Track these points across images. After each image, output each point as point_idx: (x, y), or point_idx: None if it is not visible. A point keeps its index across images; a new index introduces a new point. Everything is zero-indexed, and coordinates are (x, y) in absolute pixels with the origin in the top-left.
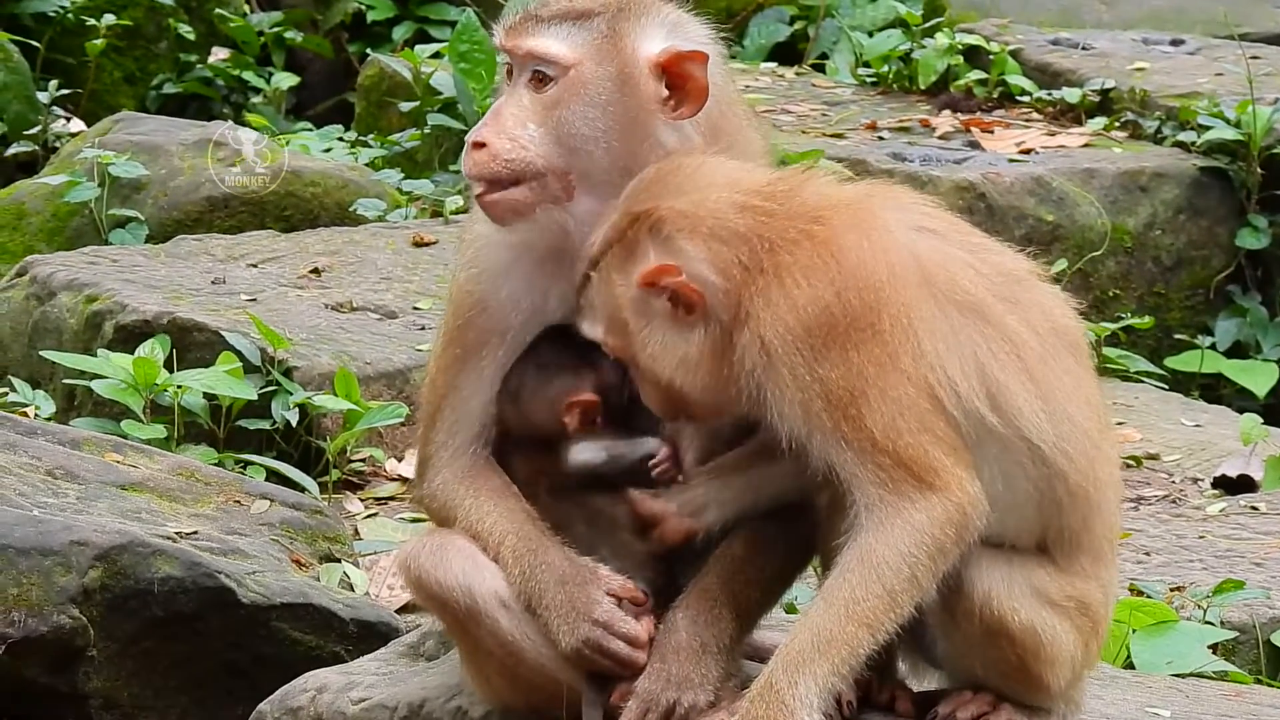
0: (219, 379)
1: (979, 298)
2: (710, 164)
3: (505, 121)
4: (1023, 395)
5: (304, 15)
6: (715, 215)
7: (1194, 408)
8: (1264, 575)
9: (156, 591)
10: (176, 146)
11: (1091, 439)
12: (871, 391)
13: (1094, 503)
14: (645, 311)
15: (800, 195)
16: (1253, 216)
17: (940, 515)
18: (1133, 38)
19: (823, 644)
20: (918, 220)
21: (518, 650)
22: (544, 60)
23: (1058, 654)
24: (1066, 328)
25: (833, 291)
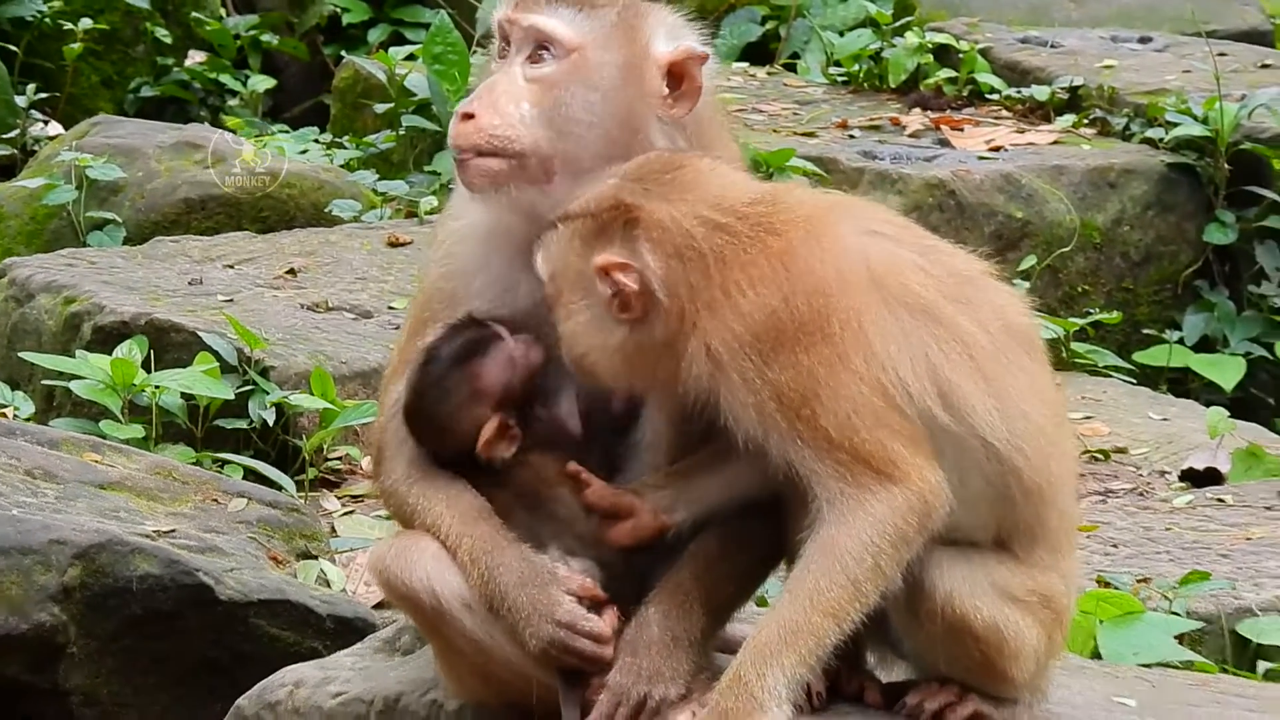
0: (196, 379)
1: (930, 299)
2: (708, 172)
3: (498, 96)
4: (975, 394)
5: (280, 18)
6: (687, 233)
7: (1161, 401)
8: (1230, 566)
9: (135, 589)
10: (153, 149)
11: (1046, 435)
12: (824, 392)
13: (1048, 497)
14: (589, 289)
15: (770, 212)
16: (1220, 212)
17: (901, 504)
18: (1101, 35)
19: (789, 635)
20: (869, 225)
21: (486, 649)
22: (548, 38)
23: (1021, 648)
24: (1020, 325)
25: (780, 298)
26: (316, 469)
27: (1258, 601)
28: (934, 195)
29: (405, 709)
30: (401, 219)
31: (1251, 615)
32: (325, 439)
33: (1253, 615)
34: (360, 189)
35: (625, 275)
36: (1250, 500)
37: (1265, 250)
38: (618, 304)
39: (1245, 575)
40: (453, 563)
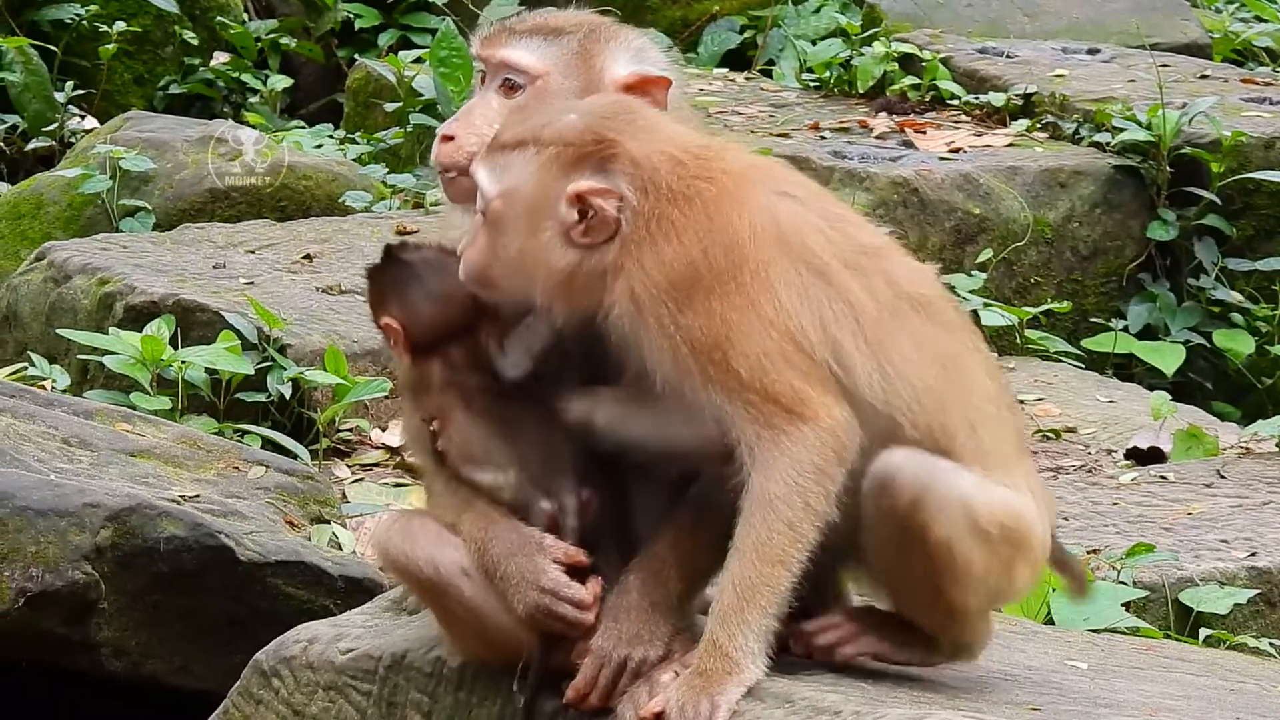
0: (219, 355)
1: (825, 261)
2: (663, 120)
3: (474, 120)
4: (855, 355)
5: (297, 23)
6: (655, 169)
7: (1108, 385)
8: (1172, 539)
9: (162, 550)
10: (181, 143)
11: (935, 394)
12: (735, 335)
13: (943, 445)
14: (549, 211)
15: (709, 161)
16: (1162, 211)
17: (815, 442)
18: (1053, 47)
19: (746, 593)
20: (784, 188)
21: (481, 615)
22: (514, 69)
23: (969, 579)
24: (917, 293)
25: (700, 249)
26: (329, 439)
27: (1198, 572)
28: (899, 192)
29: (411, 665)
30: (409, 209)
31: (1192, 585)
32: (338, 412)
33: (1193, 585)
34: (371, 181)
35: (605, 201)
36: (1190, 478)
37: (1203, 246)
38: (582, 229)
39: (1186, 548)
40: (450, 534)
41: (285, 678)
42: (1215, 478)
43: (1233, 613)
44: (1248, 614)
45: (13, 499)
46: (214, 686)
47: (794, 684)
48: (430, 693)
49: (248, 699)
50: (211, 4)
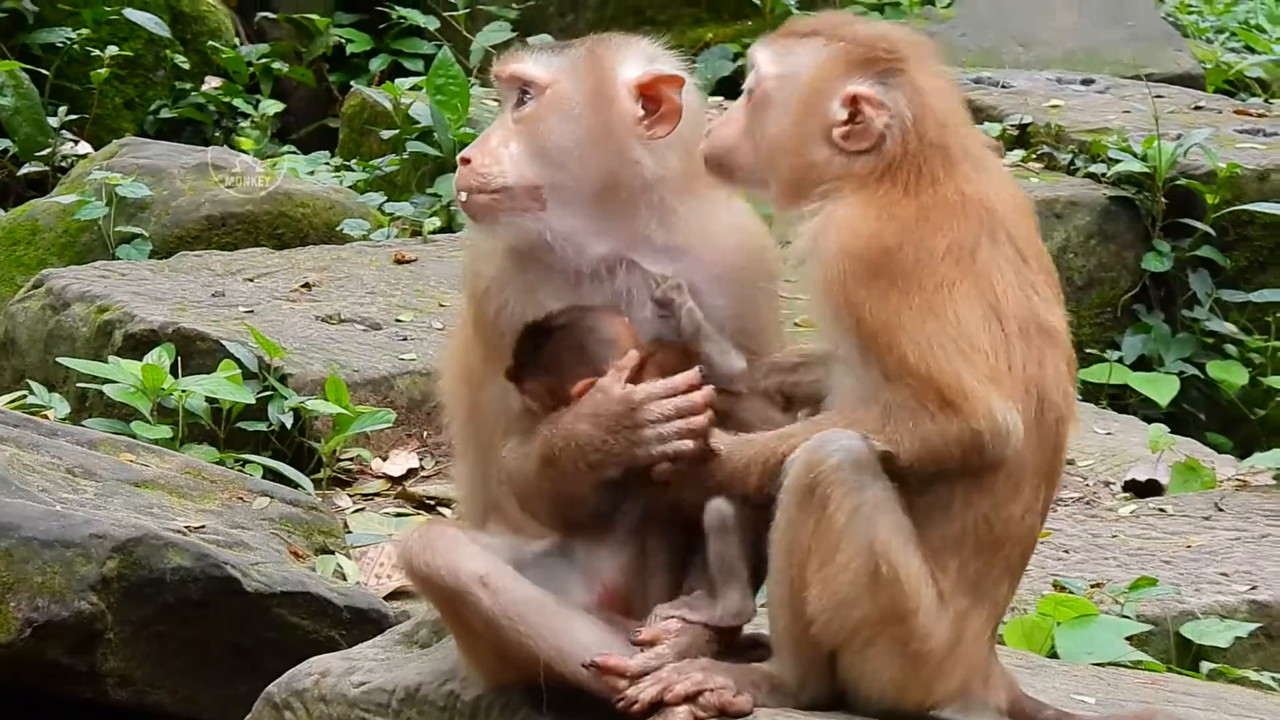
0: (220, 384)
1: (1004, 311)
2: (947, 72)
3: (490, 141)
4: None
5: (289, 47)
6: (928, 108)
7: (1105, 416)
8: (1173, 572)
9: (168, 580)
10: (178, 169)
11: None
12: (907, 324)
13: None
14: (823, 105)
15: (966, 160)
16: (1157, 242)
17: (955, 433)
18: (1048, 77)
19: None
20: (1001, 232)
21: (498, 628)
22: (524, 81)
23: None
24: (1051, 397)
25: (897, 241)
26: (330, 469)
27: (1199, 606)
28: None
29: (424, 698)
30: (407, 238)
31: (1194, 618)
32: (341, 442)
33: (1195, 618)
34: (368, 209)
35: (876, 112)
36: (1189, 511)
37: (1198, 278)
38: (845, 132)
39: (1187, 581)
40: (471, 544)
41: (297, 710)
42: (1213, 510)
43: (1233, 646)
44: (1248, 647)
45: (19, 529)
46: (219, 717)
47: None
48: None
49: None
50: (203, 28)
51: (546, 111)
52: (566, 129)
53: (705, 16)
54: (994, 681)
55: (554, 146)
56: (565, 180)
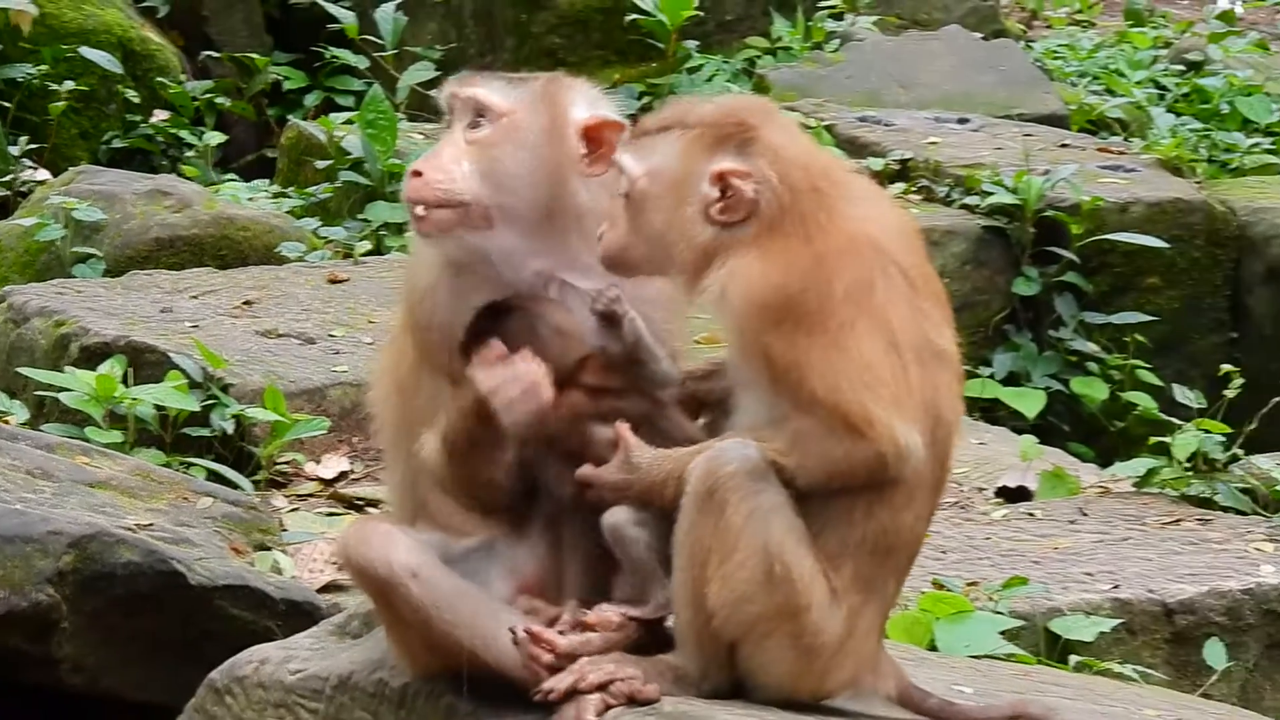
0: (167, 393)
1: (901, 343)
2: (796, 124)
3: (442, 157)
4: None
5: (230, 84)
6: (791, 162)
7: (978, 428)
8: (1042, 572)
9: (119, 574)
10: (130, 195)
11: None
12: (815, 362)
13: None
14: (695, 188)
15: (841, 199)
16: (1026, 268)
17: (859, 456)
18: (926, 116)
19: None
20: (891, 263)
21: (426, 617)
22: (483, 106)
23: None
24: (943, 415)
25: (799, 286)
26: (268, 472)
27: (1066, 603)
28: None
29: (356, 685)
30: (339, 259)
31: (1061, 615)
32: (278, 447)
33: (1062, 615)
34: (304, 233)
35: (743, 182)
36: (1056, 515)
37: (1063, 301)
38: (721, 207)
39: (1055, 580)
40: (404, 537)
41: (237, 695)
42: (1078, 515)
43: (1098, 640)
44: (1111, 641)
45: None
46: (165, 701)
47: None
48: (374, 712)
49: (202, 714)
50: (152, 65)
51: (502, 137)
52: (519, 156)
53: (613, 59)
54: (883, 672)
55: (505, 171)
56: (513, 203)
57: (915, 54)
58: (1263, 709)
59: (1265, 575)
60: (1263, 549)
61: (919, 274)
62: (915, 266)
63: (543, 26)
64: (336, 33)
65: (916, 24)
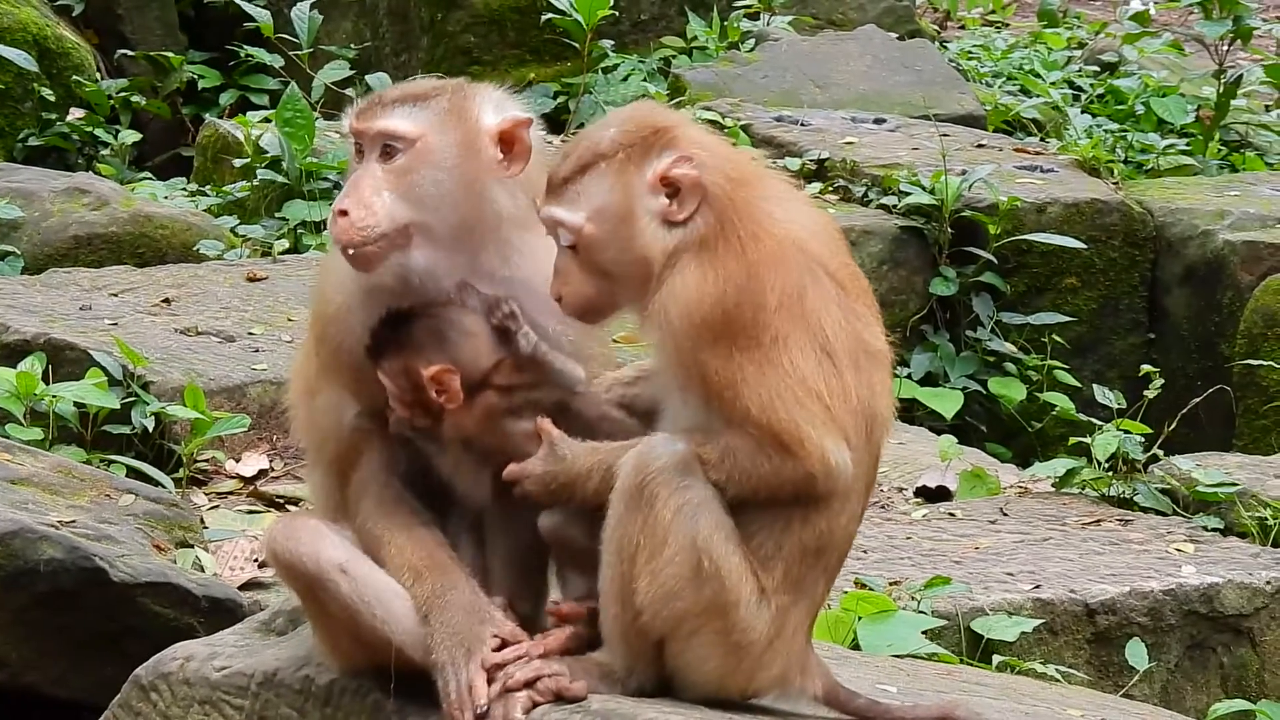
0: (88, 390)
1: (835, 349)
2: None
3: (363, 191)
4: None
5: (146, 82)
6: (712, 149)
7: (897, 428)
8: (963, 571)
9: (42, 570)
10: (48, 193)
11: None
12: (749, 378)
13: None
14: (645, 206)
15: (761, 201)
16: (943, 268)
17: (788, 475)
18: (843, 116)
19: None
20: (818, 266)
21: (355, 613)
22: (393, 136)
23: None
24: (878, 411)
25: (733, 299)
26: (188, 469)
27: (988, 602)
28: None
29: (281, 682)
30: (258, 257)
31: (983, 614)
32: (200, 444)
33: (984, 614)
34: (223, 231)
35: (686, 169)
36: (976, 515)
37: (980, 301)
38: (676, 204)
39: (976, 580)
40: (332, 534)
41: (163, 692)
42: (999, 515)
43: (1020, 640)
44: (1032, 641)
45: None
46: (87, 697)
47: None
48: (299, 708)
49: (127, 711)
50: (67, 64)
51: (417, 163)
52: (437, 177)
53: (528, 57)
54: (811, 671)
55: (425, 194)
56: (433, 221)
57: (831, 54)
58: (1184, 709)
59: (1186, 576)
60: (1183, 549)
61: (846, 274)
62: (842, 267)
63: (458, 25)
64: (252, 31)
65: (832, 24)
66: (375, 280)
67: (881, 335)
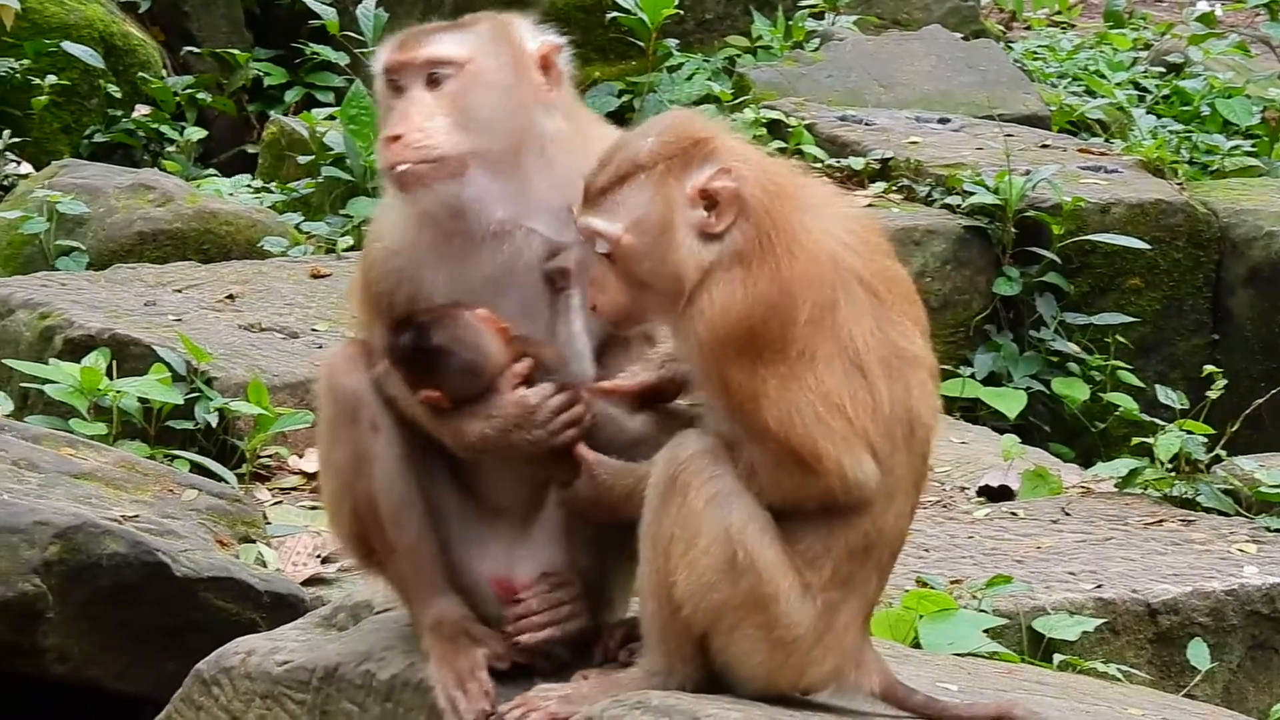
0: (151, 386)
1: (864, 360)
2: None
3: (414, 117)
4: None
5: (211, 79)
6: (753, 161)
7: (960, 427)
8: (1024, 571)
9: (105, 565)
10: (113, 189)
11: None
12: (771, 393)
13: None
14: (683, 218)
15: (797, 211)
16: (1007, 268)
17: (811, 491)
18: (907, 116)
19: None
20: (854, 279)
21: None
22: (441, 62)
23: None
24: (917, 413)
25: (761, 314)
26: (251, 465)
27: (1049, 602)
28: None
29: (342, 677)
30: (322, 254)
31: (1044, 614)
32: (262, 440)
33: (1045, 614)
34: (287, 228)
35: (724, 182)
36: (1038, 515)
37: (1044, 301)
38: (714, 217)
39: (1038, 579)
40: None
41: (224, 686)
42: (1060, 515)
43: (1081, 640)
44: (1094, 641)
45: None
46: (149, 691)
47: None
48: (360, 703)
49: (189, 705)
50: (134, 60)
51: (469, 86)
52: (491, 99)
53: (593, 56)
54: (867, 667)
55: (479, 117)
56: (486, 146)
57: (895, 54)
58: (1246, 709)
59: (1248, 576)
60: (1245, 550)
61: (883, 281)
62: (879, 274)
63: None
64: (317, 29)
65: (897, 24)
66: (428, 207)
67: (919, 338)
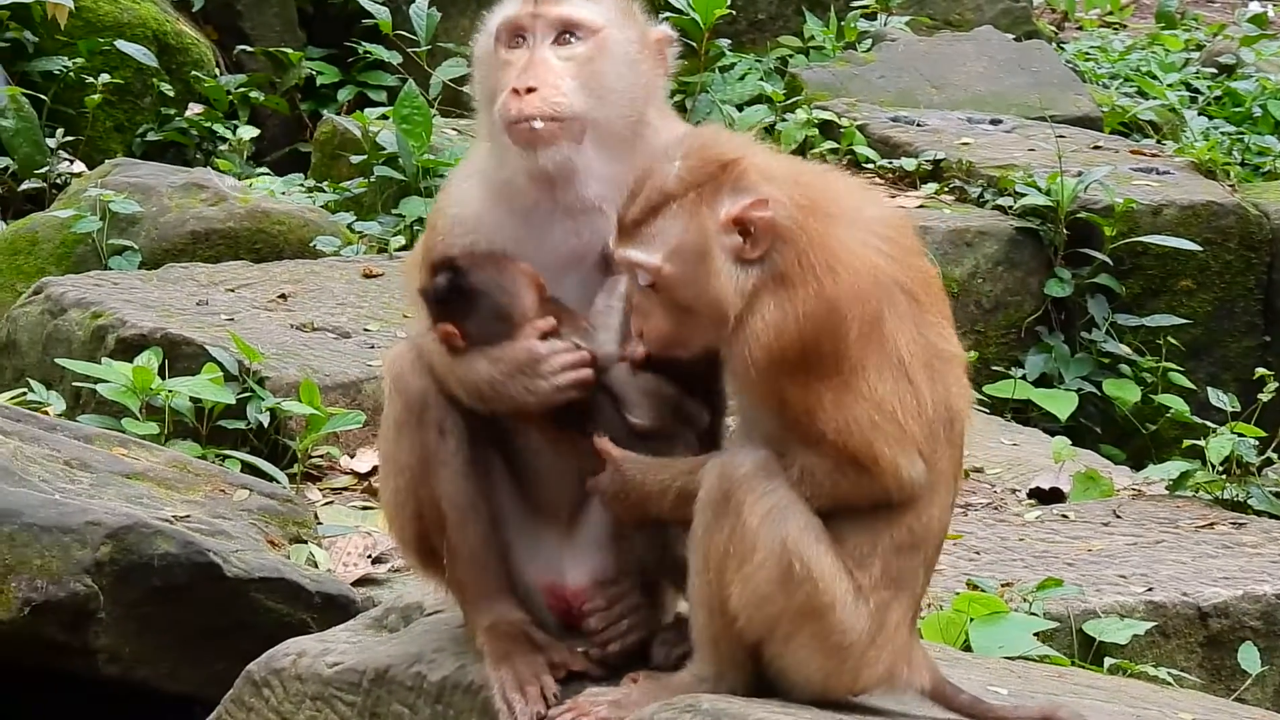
0: (203, 386)
1: (909, 364)
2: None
3: (547, 73)
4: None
5: (264, 78)
6: (784, 179)
7: (1011, 429)
8: (1075, 574)
9: (156, 565)
10: (166, 188)
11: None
12: (826, 405)
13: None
14: (719, 245)
15: (833, 227)
16: (1059, 269)
17: (866, 490)
18: (959, 117)
19: None
20: (897, 288)
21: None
22: (576, 24)
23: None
24: (957, 410)
25: (812, 331)
26: (302, 465)
27: (1100, 605)
28: None
29: (393, 679)
30: (374, 254)
31: (1095, 617)
32: (312, 440)
33: (1096, 617)
34: (339, 227)
35: (758, 212)
36: (1089, 517)
37: (1095, 303)
38: (750, 244)
39: (1088, 582)
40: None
41: (275, 687)
42: (1112, 517)
43: (1131, 643)
44: (1145, 644)
45: (21, 516)
46: (199, 691)
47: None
48: (411, 705)
49: (239, 706)
50: (187, 59)
51: (599, 53)
52: (618, 70)
53: None
54: (917, 664)
55: (605, 85)
56: (605, 116)
57: (947, 54)
58: None
59: None
60: None
61: (919, 283)
62: (915, 277)
63: None
64: (370, 28)
65: (948, 24)
66: (547, 166)
67: (952, 335)
